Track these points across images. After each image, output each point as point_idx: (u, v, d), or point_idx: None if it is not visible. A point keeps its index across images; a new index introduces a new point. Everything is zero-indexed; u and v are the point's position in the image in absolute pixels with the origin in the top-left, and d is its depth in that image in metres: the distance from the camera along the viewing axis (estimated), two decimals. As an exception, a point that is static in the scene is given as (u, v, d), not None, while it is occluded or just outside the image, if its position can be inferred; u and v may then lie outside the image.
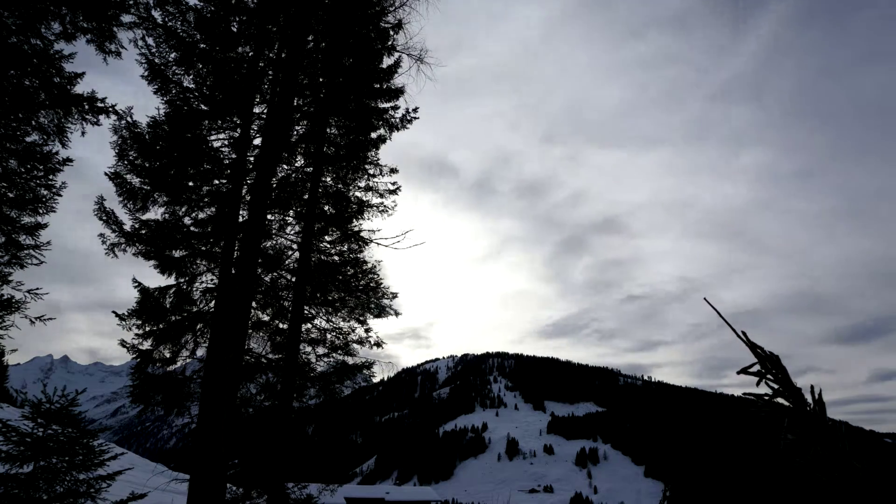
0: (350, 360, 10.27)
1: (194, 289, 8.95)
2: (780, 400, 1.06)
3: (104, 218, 8.09)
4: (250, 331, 9.62)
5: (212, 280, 9.05)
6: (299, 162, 10.50)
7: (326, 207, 10.59)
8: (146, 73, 8.15)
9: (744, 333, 1.08)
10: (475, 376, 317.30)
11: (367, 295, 10.18)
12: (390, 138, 10.61)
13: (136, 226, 8.28)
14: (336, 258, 10.55)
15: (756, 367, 1.07)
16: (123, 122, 7.98)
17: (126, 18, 7.96)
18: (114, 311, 8.25)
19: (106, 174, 8.04)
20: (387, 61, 10.22)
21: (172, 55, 8.23)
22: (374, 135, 10.52)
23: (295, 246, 10.13)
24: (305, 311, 9.92)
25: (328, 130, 10.34)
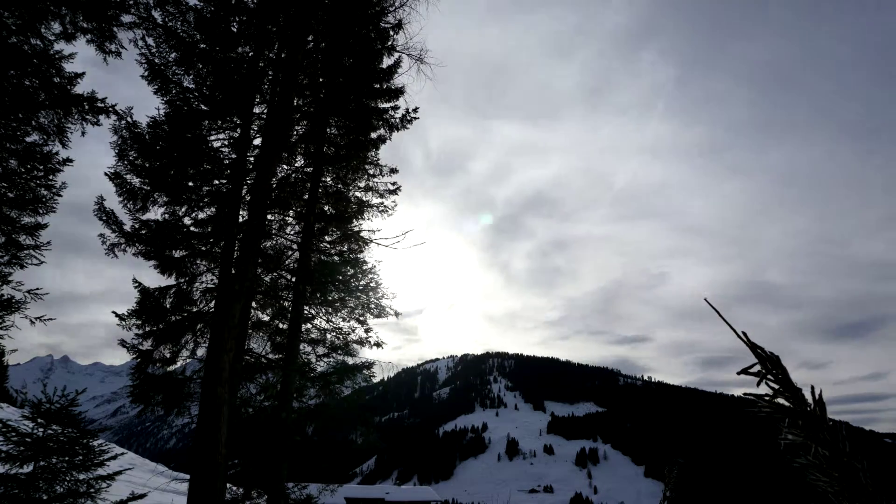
0: (350, 360, 10.27)
1: (194, 289, 8.96)
2: (780, 400, 1.06)
3: (104, 218, 8.09)
4: (250, 331, 9.62)
5: (212, 280, 9.05)
6: (299, 162, 10.51)
7: (326, 207, 10.59)
8: (146, 73, 8.15)
9: (744, 334, 1.08)
10: (475, 376, 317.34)
11: (367, 295, 10.18)
12: (390, 138, 10.62)
13: (136, 226, 8.28)
14: (336, 258, 10.55)
15: (756, 368, 1.07)
16: (123, 122, 7.99)
17: (126, 18, 7.96)
18: (114, 311, 8.26)
19: (106, 174, 8.05)
20: (387, 61, 10.23)
21: (172, 55, 8.23)
22: (374, 135, 10.52)
23: (295, 246, 10.13)
24: (305, 311, 9.92)
25: (328, 130, 10.34)
